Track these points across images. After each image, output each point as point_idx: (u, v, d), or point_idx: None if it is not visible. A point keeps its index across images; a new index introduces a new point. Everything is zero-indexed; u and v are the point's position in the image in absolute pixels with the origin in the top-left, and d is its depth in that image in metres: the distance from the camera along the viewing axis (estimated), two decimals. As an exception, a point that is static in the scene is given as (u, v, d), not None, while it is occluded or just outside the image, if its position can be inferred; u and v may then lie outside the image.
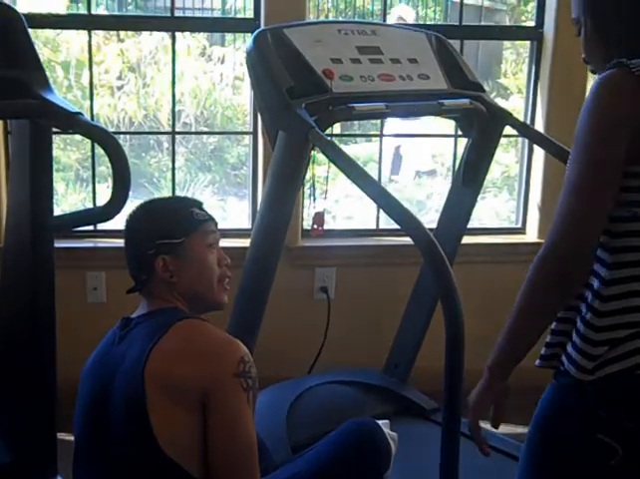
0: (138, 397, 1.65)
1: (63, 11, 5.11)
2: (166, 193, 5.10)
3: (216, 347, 1.70)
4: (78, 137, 4.71)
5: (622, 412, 1.48)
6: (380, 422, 2.10)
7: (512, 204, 4.03)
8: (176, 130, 4.02)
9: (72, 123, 2.15)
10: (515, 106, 5.37)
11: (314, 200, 2.64)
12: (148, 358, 1.66)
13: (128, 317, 1.84)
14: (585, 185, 1.42)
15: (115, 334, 1.82)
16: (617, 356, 1.48)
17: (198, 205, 1.89)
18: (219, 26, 4.15)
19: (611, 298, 1.47)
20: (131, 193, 2.12)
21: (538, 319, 1.51)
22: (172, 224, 1.82)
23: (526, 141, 3.62)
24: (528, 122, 3.61)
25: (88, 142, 5.20)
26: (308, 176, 2.59)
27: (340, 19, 5.92)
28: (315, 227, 2.53)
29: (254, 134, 3.48)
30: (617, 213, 1.45)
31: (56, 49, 5.76)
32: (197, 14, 6.61)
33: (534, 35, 3.58)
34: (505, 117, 2.67)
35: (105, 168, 4.84)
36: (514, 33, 4.19)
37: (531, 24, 3.69)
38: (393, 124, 4.90)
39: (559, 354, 1.55)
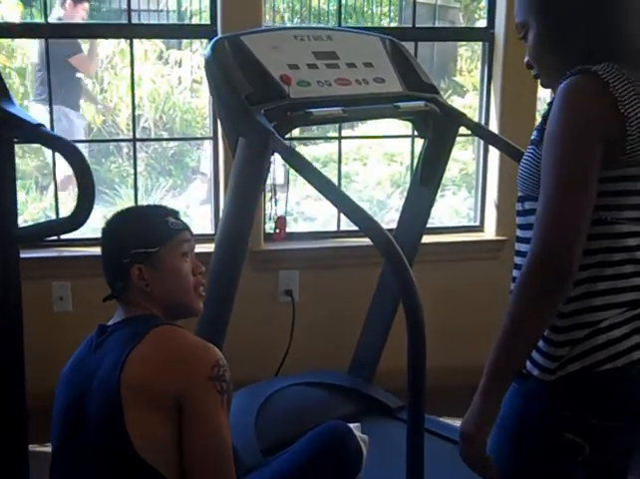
0: (114, 403, 1.67)
1: (17, 19, 5.09)
2: (128, 198, 5.10)
3: (191, 352, 1.73)
4: (36, 144, 4.68)
5: (586, 409, 1.50)
6: (351, 425, 2.13)
7: (471, 201, 4.10)
8: (136, 135, 4.01)
9: (34, 135, 2.16)
10: (472, 103, 5.44)
11: (275, 203, 2.67)
12: (124, 365, 1.69)
13: (104, 325, 1.85)
14: (562, 195, 1.41)
15: (91, 341, 1.84)
16: (577, 355, 1.50)
17: (174, 213, 1.91)
18: (177, 33, 4.15)
19: (572, 299, 1.49)
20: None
21: (530, 334, 1.46)
22: (147, 233, 1.84)
23: (481, 139, 3.68)
24: (483, 120, 3.68)
25: (47, 149, 5.20)
26: (269, 179, 2.63)
27: (296, 25, 5.96)
28: (277, 231, 2.56)
29: (214, 139, 3.50)
30: None
31: (11, 55, 5.73)
32: (153, 16, 6.61)
33: (486, 36, 3.65)
34: (460, 118, 2.73)
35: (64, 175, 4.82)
36: (467, 34, 4.27)
37: (484, 23, 3.76)
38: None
39: None
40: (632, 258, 1.50)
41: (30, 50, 5.65)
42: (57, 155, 3.48)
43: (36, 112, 5.16)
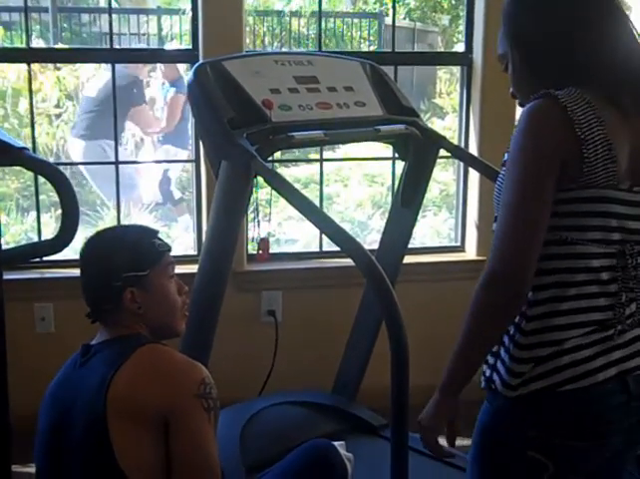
0: (99, 420, 1.68)
1: (-2, 43, 5.12)
2: (110, 219, 5.12)
3: (178, 369, 1.75)
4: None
5: (549, 429, 1.53)
6: (336, 443, 2.15)
7: (452, 222, 4.14)
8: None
9: (17, 158, 2.17)
10: (451, 125, 5.51)
11: (258, 225, 2.69)
12: (110, 384, 1.70)
13: (88, 344, 1.86)
14: (520, 214, 1.46)
15: (75, 361, 1.85)
16: (540, 374, 1.53)
17: (157, 234, 1.92)
18: (159, 57, 4.18)
19: (534, 318, 1.53)
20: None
21: (485, 344, 1.55)
22: (136, 255, 1.84)
23: (461, 161, 3.73)
24: (462, 142, 3.73)
25: (27, 171, 5.20)
26: (251, 200, 2.65)
27: (277, 50, 6.01)
28: (260, 252, 2.58)
29: (197, 161, 3.52)
30: (545, 237, 1.49)
31: (-9, 78, 5.76)
32: (133, 39, 6.65)
33: (464, 60, 3.71)
34: (439, 140, 2.77)
35: (45, 196, 4.83)
36: (446, 59, 4.34)
37: (462, 47, 3.82)
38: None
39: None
40: (597, 279, 1.53)
41: (10, 73, 5.68)
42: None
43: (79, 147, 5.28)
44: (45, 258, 3.39)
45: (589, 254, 1.52)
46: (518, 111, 1.67)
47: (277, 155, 4.37)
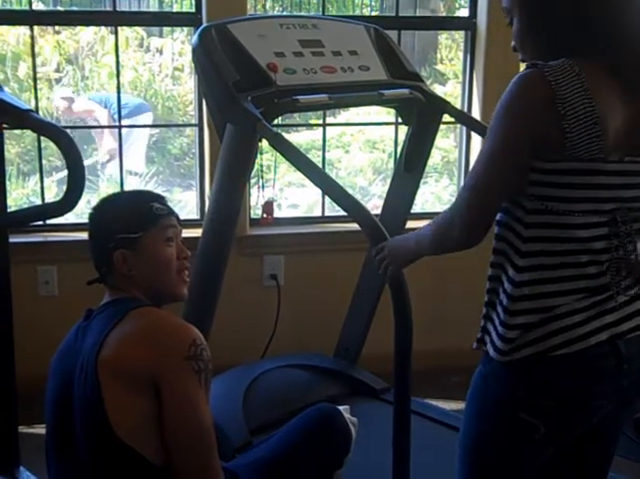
0: (93, 383, 1.68)
1: (-1, 5, 5.07)
2: (111, 184, 5.12)
3: (167, 331, 1.73)
4: (17, 130, 4.69)
5: (540, 391, 1.56)
6: (340, 408, 2.14)
7: (452, 189, 4.13)
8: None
9: (24, 120, 2.18)
10: (453, 91, 5.48)
11: (262, 188, 2.70)
12: (101, 346, 1.69)
13: (90, 309, 1.86)
14: (486, 171, 1.52)
15: (79, 326, 1.84)
16: (530, 340, 1.55)
17: (159, 199, 1.91)
18: (162, 20, 4.16)
19: (523, 284, 1.55)
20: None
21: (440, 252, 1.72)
22: (131, 218, 1.83)
23: (464, 127, 3.72)
24: (465, 108, 3.71)
25: (28, 136, 5.19)
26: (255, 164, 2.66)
27: (282, 14, 5.96)
28: (265, 216, 2.60)
29: (200, 125, 3.52)
30: (531, 205, 1.54)
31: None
32: (133, 4, 6.60)
33: (468, 25, 3.69)
34: (444, 105, 2.76)
35: (45, 161, 4.82)
36: (449, 23, 4.32)
37: (465, 12, 3.79)
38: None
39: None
40: (587, 249, 1.54)
41: (9, 36, 5.64)
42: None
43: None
44: (48, 222, 3.40)
45: (575, 225, 1.53)
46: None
47: (278, 120, 4.36)
